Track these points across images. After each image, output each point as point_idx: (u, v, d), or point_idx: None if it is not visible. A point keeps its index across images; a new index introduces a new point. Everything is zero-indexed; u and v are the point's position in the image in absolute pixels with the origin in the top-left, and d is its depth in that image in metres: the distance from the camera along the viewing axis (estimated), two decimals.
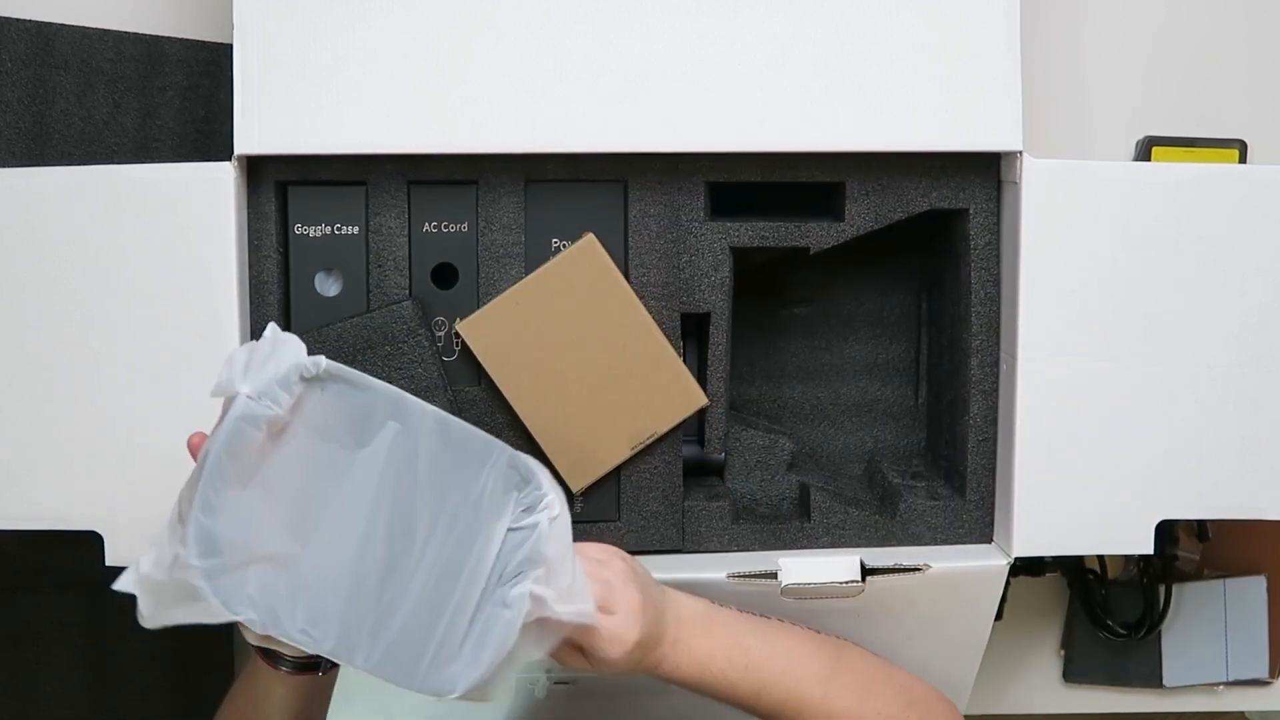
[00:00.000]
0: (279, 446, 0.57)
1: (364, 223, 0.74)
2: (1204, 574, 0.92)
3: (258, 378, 0.56)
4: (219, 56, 0.82)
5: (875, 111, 0.71)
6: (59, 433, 0.70)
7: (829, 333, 0.85)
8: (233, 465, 0.55)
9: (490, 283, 0.74)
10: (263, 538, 0.55)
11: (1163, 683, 0.93)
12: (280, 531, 0.56)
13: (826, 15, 0.71)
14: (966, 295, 0.75)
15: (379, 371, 0.72)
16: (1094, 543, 0.74)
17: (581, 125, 0.71)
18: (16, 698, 0.87)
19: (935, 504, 0.76)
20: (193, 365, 0.69)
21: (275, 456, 0.56)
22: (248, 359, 0.57)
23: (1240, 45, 0.86)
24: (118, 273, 0.69)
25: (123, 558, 0.70)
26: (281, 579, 0.56)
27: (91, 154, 0.81)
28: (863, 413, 0.85)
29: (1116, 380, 0.72)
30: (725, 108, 0.71)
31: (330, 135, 0.70)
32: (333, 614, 0.56)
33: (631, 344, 0.73)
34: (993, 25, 0.71)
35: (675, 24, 0.71)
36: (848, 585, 0.72)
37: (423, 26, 0.70)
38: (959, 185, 0.75)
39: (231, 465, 0.55)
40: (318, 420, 0.58)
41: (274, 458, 0.56)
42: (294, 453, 0.57)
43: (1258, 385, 0.72)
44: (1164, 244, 0.71)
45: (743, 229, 0.74)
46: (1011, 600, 0.84)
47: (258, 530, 0.55)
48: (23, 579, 0.86)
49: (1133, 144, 0.86)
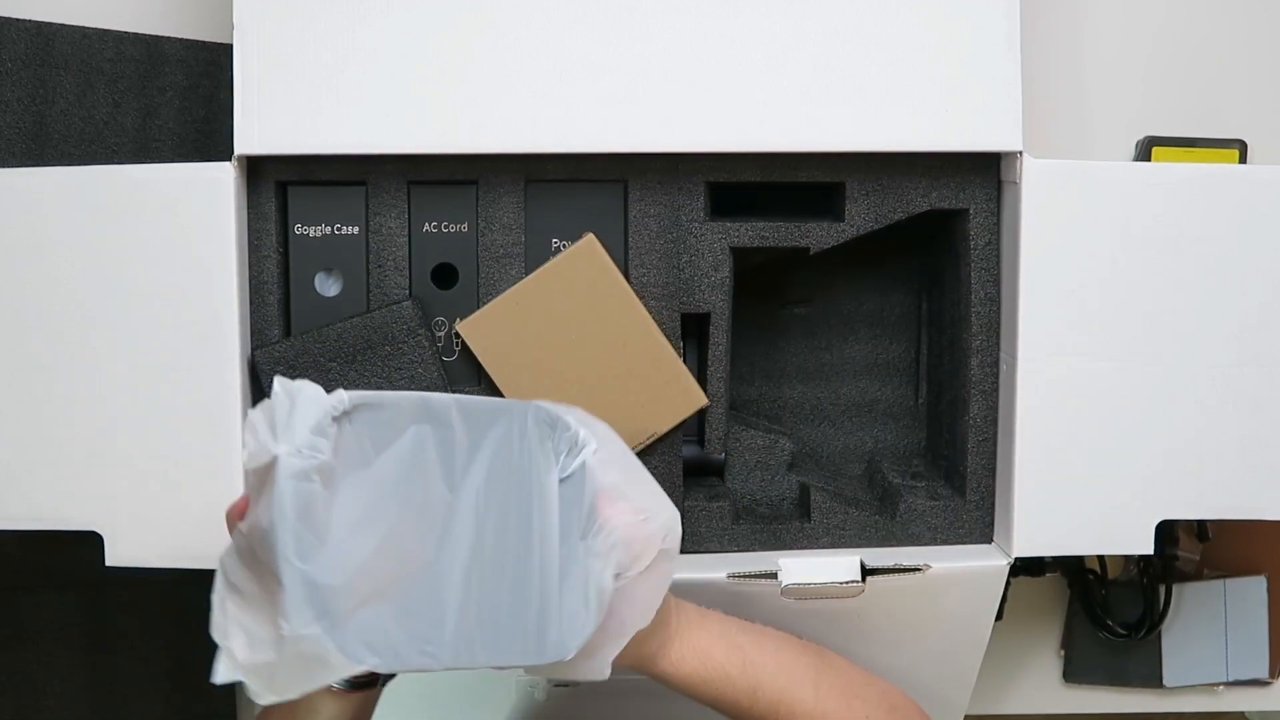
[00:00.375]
0: (334, 490, 0.55)
1: (364, 223, 0.74)
2: (1204, 574, 0.92)
3: (292, 434, 0.54)
4: (219, 56, 0.82)
5: (875, 111, 0.71)
6: (59, 433, 0.70)
7: (829, 333, 0.85)
8: (303, 524, 0.53)
9: (490, 283, 0.74)
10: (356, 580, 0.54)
11: (1163, 683, 0.93)
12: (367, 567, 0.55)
13: (826, 15, 0.71)
14: (966, 295, 0.75)
15: (379, 371, 0.72)
16: (1094, 543, 0.74)
17: (581, 125, 0.71)
18: (16, 698, 0.87)
19: (935, 504, 0.76)
20: (193, 365, 0.69)
21: (335, 500, 0.55)
22: (269, 418, 0.55)
23: (1240, 45, 0.86)
24: (118, 273, 0.69)
25: (123, 558, 0.70)
26: (386, 612, 0.54)
27: (91, 154, 0.81)
28: (863, 413, 0.85)
29: (1116, 380, 0.72)
30: (725, 108, 0.71)
31: (330, 135, 0.70)
32: (440, 625, 0.55)
33: (631, 344, 0.73)
34: (993, 25, 0.71)
35: (675, 24, 0.71)
36: (848, 585, 0.72)
37: (423, 26, 0.70)
38: (959, 185, 0.75)
39: (301, 524, 0.53)
40: (355, 451, 0.56)
41: (335, 502, 0.55)
42: (349, 489, 0.56)
43: (1258, 385, 0.72)
44: (1164, 244, 0.71)
45: (743, 229, 0.74)
46: (1011, 600, 0.84)
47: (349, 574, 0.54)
48: (23, 579, 0.86)
49: (1133, 144, 0.86)
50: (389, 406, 0.57)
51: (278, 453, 0.54)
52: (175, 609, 0.87)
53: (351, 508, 0.55)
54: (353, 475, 0.56)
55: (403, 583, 0.55)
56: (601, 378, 0.73)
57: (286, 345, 0.72)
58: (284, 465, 0.53)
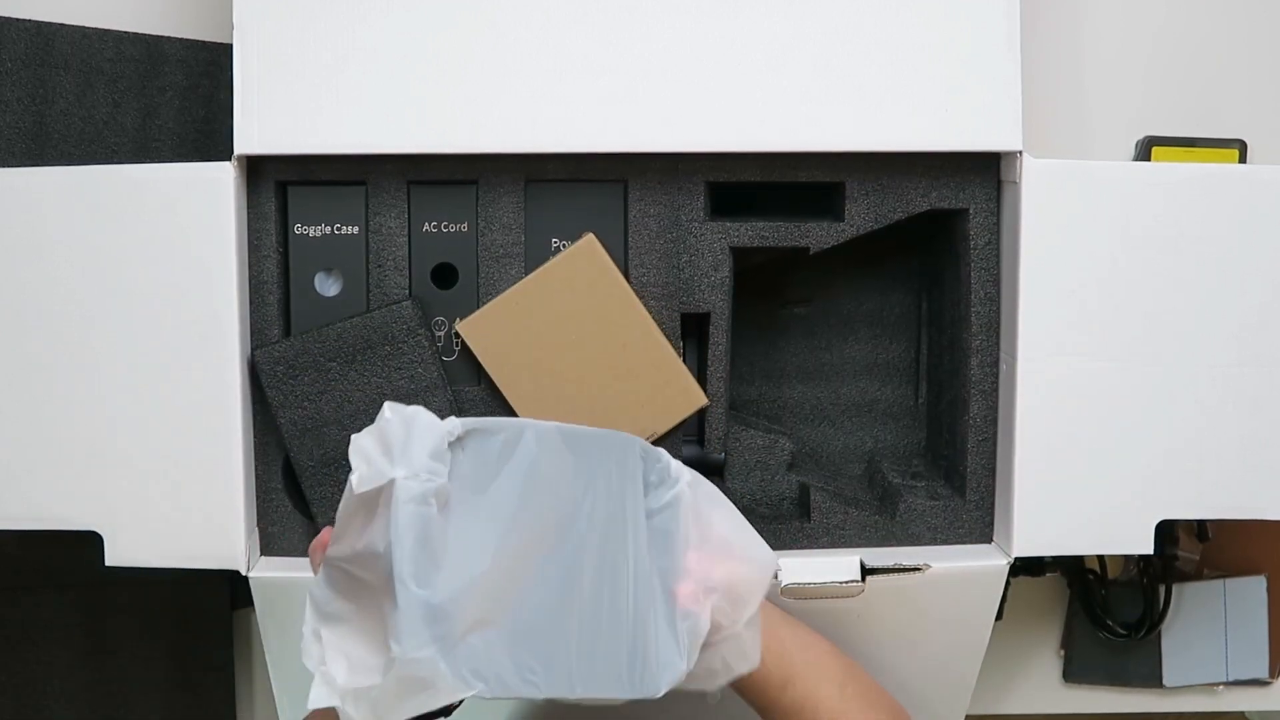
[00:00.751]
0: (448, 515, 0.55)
1: (364, 223, 0.74)
2: (1204, 574, 0.92)
3: (409, 458, 0.54)
4: (219, 56, 0.82)
5: (875, 111, 0.71)
6: (59, 433, 0.70)
7: (829, 333, 0.85)
8: (419, 547, 0.53)
9: (490, 283, 0.74)
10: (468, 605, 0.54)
11: (1163, 683, 0.93)
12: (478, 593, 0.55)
13: (826, 15, 0.71)
14: (966, 295, 0.75)
15: (379, 371, 0.72)
16: (1094, 543, 0.74)
17: (581, 125, 0.71)
18: (16, 698, 0.87)
19: (935, 504, 0.76)
20: (193, 365, 0.69)
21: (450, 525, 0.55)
22: (382, 443, 0.55)
23: (1240, 45, 0.86)
24: (118, 273, 0.69)
25: (123, 558, 0.70)
26: (494, 638, 0.54)
27: (91, 154, 0.81)
28: (863, 413, 0.85)
29: (1116, 380, 0.72)
30: (725, 108, 0.71)
31: (330, 135, 0.70)
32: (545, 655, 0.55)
33: (631, 344, 0.73)
34: (993, 25, 0.71)
35: (675, 24, 0.71)
36: (848, 585, 0.72)
37: (423, 26, 0.70)
38: (959, 185, 0.75)
39: (418, 548, 0.53)
40: (468, 477, 0.56)
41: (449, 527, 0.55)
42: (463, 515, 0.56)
43: (1258, 385, 0.72)
44: (1164, 244, 0.71)
45: (743, 229, 0.74)
46: (1011, 600, 0.84)
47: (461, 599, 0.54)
48: (23, 579, 0.86)
49: (1133, 144, 0.86)
50: (497, 432, 0.57)
51: (395, 476, 0.53)
52: (175, 609, 0.87)
53: (465, 533, 0.55)
54: (467, 501, 0.56)
55: (512, 610, 0.55)
56: (601, 378, 0.73)
57: (286, 345, 0.72)
58: (402, 489, 0.53)
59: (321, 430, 0.72)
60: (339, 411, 0.72)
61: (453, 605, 0.53)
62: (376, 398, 0.72)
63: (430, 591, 0.53)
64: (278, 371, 0.72)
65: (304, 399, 0.72)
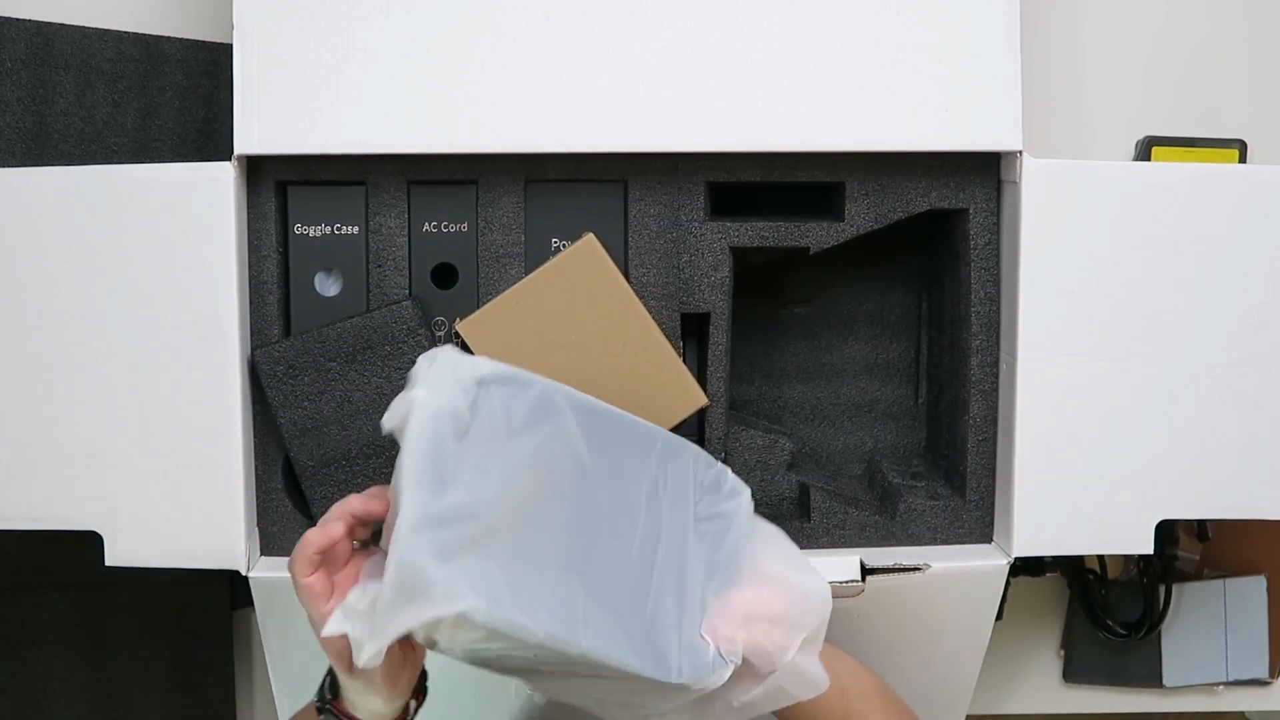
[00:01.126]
0: (466, 449, 0.56)
1: (364, 223, 0.74)
2: (1204, 574, 0.92)
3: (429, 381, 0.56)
4: (219, 56, 0.82)
5: (875, 111, 0.71)
6: (59, 433, 0.70)
7: (829, 333, 0.85)
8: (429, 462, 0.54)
9: (490, 283, 0.74)
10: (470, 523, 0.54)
11: (1163, 683, 0.93)
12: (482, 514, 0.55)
13: (826, 15, 0.71)
14: (966, 295, 0.75)
15: (379, 371, 0.72)
16: (1094, 543, 0.74)
17: (581, 125, 0.71)
18: (16, 698, 0.87)
19: (935, 504, 0.76)
20: (193, 365, 0.69)
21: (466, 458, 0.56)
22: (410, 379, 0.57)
23: (1240, 45, 0.86)
24: (118, 273, 0.69)
25: (123, 558, 0.70)
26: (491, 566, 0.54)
27: (91, 154, 0.81)
28: (863, 413, 0.85)
29: (1116, 380, 0.72)
30: (725, 108, 0.71)
31: (330, 135, 0.70)
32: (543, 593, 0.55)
33: (631, 344, 0.73)
34: (993, 25, 0.71)
35: (675, 24, 0.71)
36: (848, 585, 0.72)
37: (423, 26, 0.70)
38: (959, 185, 0.75)
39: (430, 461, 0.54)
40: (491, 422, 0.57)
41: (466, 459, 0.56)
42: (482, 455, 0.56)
43: (1258, 385, 0.72)
44: (1164, 244, 0.71)
45: (743, 229, 0.74)
46: (1011, 600, 0.84)
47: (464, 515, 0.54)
48: (23, 579, 0.86)
49: (1133, 144, 0.86)
50: (530, 386, 0.59)
51: (415, 395, 0.55)
52: (175, 609, 0.87)
53: (479, 466, 0.56)
54: (487, 443, 0.57)
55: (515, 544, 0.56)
56: (601, 378, 0.73)
57: (286, 345, 0.72)
58: (421, 402, 0.55)
59: (321, 430, 0.72)
60: (339, 411, 0.72)
61: (453, 516, 0.53)
62: (376, 398, 0.72)
63: (433, 499, 0.53)
64: (278, 371, 0.72)
65: (304, 399, 0.72)
